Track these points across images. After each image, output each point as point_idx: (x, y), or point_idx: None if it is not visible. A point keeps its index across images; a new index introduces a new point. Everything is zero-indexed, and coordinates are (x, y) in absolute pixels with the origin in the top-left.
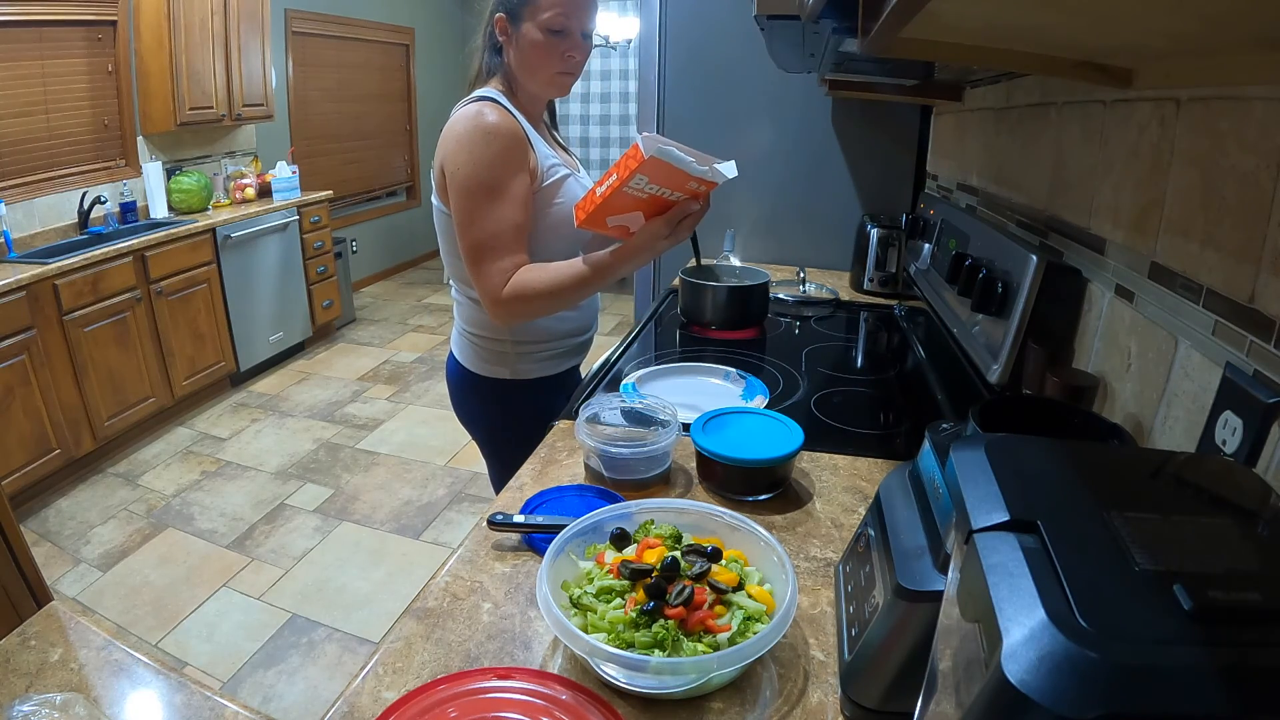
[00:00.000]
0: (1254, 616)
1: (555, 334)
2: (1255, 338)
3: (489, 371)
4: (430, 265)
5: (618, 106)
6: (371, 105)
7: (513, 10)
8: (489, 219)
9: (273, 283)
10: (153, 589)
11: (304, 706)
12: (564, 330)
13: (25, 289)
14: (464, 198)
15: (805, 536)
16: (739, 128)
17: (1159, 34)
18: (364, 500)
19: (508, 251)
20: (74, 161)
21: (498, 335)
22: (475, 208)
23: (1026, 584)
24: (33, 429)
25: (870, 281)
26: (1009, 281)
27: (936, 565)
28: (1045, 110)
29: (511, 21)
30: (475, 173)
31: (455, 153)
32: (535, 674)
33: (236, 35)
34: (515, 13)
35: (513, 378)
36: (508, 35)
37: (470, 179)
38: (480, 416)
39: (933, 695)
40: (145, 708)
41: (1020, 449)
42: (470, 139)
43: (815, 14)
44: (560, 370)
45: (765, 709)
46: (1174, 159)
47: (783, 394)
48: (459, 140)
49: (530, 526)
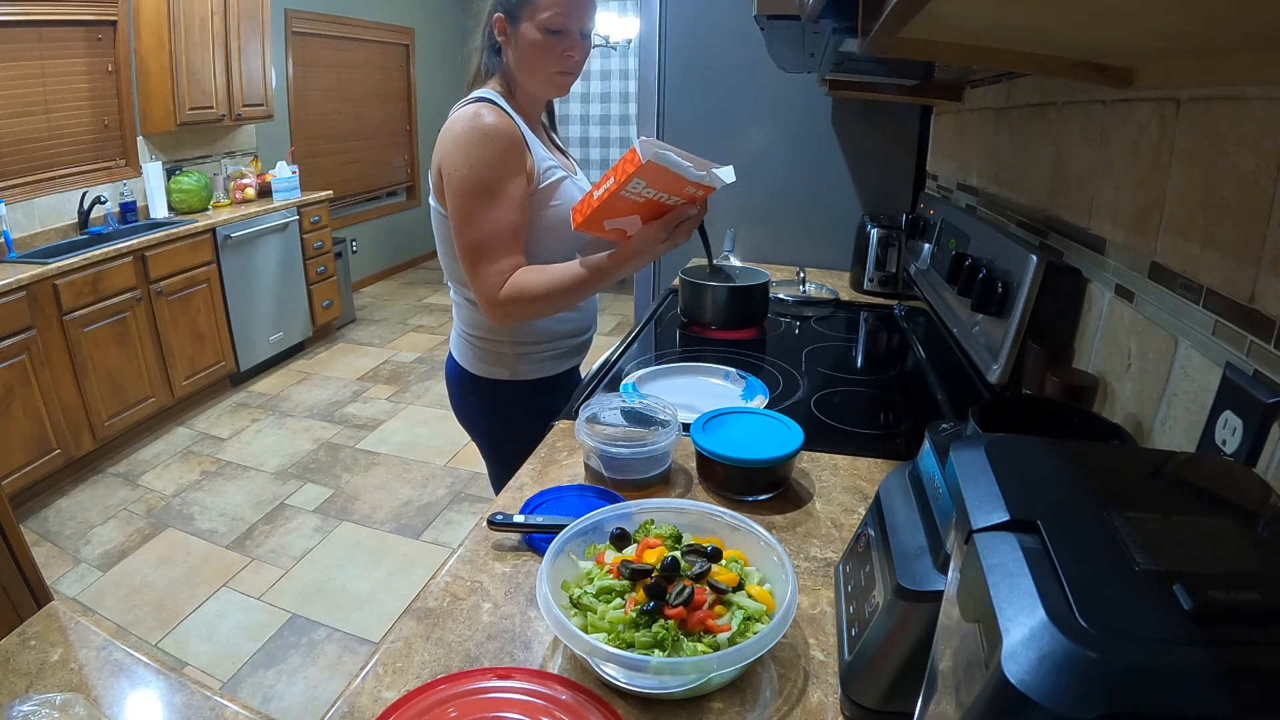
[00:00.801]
0: (1254, 616)
1: (555, 335)
2: (1255, 338)
3: (488, 373)
4: (430, 265)
5: (618, 106)
6: (371, 105)
7: (511, 10)
8: (486, 220)
9: (273, 283)
10: (153, 589)
11: (304, 706)
12: (563, 331)
13: (25, 289)
14: (461, 199)
15: (805, 536)
16: (739, 128)
17: (1159, 34)
18: (364, 500)
19: (505, 253)
20: (74, 161)
21: (496, 336)
22: (472, 209)
23: (1026, 584)
24: (33, 429)
25: (870, 281)
26: (1009, 281)
27: (936, 565)
28: (1045, 110)
29: (510, 22)
30: (472, 174)
31: (452, 154)
32: (535, 674)
33: (236, 35)
34: (514, 13)
35: (512, 379)
36: (506, 35)
37: (467, 180)
38: (480, 418)
39: (933, 695)
40: (145, 708)
41: (1020, 449)
42: (468, 140)
43: (815, 14)
44: (560, 371)
45: (765, 709)
46: (1174, 159)
47: (783, 394)
48: (456, 141)
49: (530, 526)
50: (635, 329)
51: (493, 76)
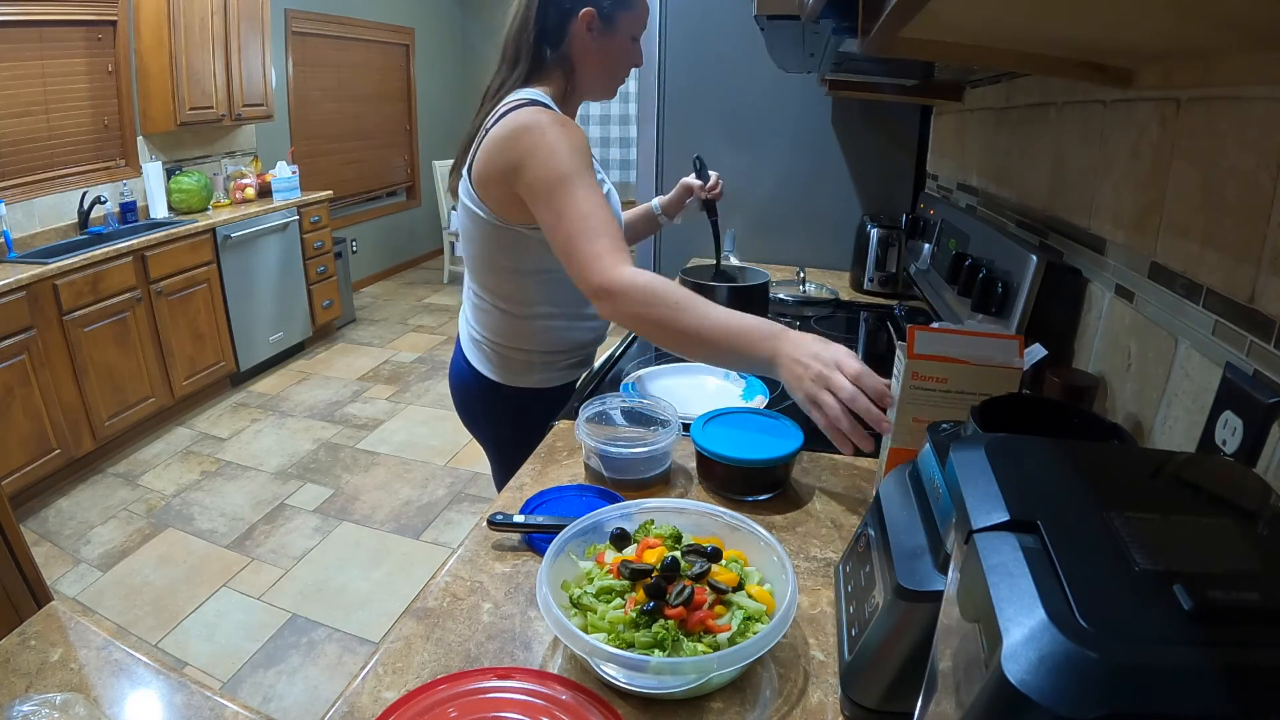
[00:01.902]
0: (1254, 616)
1: (578, 344)
2: (1255, 338)
3: (511, 380)
4: (430, 265)
5: (618, 106)
6: (371, 105)
7: (607, 13)
8: (586, 203)
9: (273, 283)
10: (153, 589)
11: (304, 706)
12: (587, 340)
13: (25, 289)
14: (554, 189)
15: (805, 536)
16: (739, 128)
17: (1159, 34)
18: (364, 500)
19: (608, 234)
20: (74, 161)
21: (524, 345)
22: (568, 195)
23: (1026, 584)
24: (33, 429)
25: (870, 281)
26: (1009, 281)
27: (936, 565)
28: (1045, 110)
29: (604, 22)
30: (564, 163)
31: (531, 149)
32: (535, 674)
33: (236, 35)
34: (611, 15)
35: (534, 387)
36: (592, 33)
37: (559, 169)
38: (489, 422)
39: (933, 695)
40: (145, 708)
41: (1020, 449)
42: (546, 132)
43: (815, 14)
44: (575, 378)
45: (765, 709)
46: (1174, 159)
47: (783, 394)
48: (532, 135)
49: (530, 526)
50: None
51: (542, 71)
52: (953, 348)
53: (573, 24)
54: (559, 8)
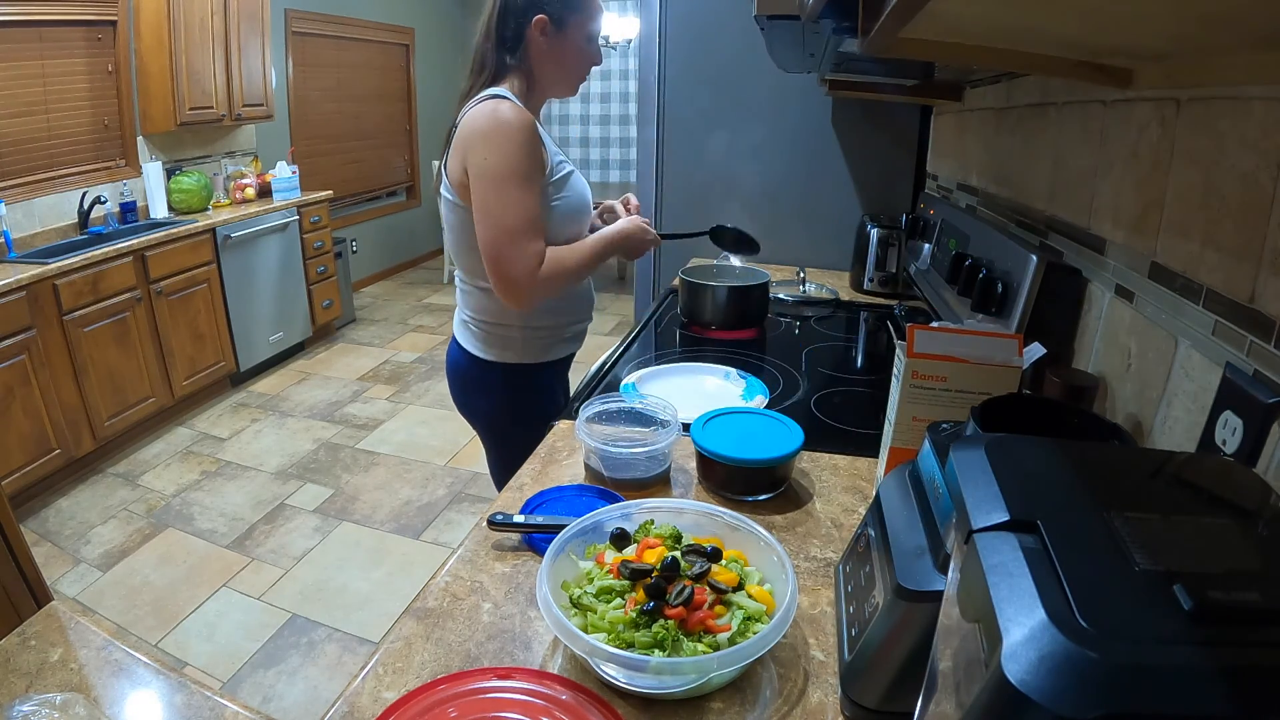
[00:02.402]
0: (1254, 616)
1: (561, 319)
2: (1255, 338)
3: (497, 356)
4: (430, 265)
5: (618, 106)
6: (371, 105)
7: (558, 15)
8: (517, 206)
9: (273, 283)
10: (153, 589)
11: (304, 706)
12: (569, 316)
13: (25, 289)
14: (490, 187)
15: (805, 536)
16: (739, 128)
17: (1159, 34)
18: (364, 500)
19: (535, 236)
20: (74, 161)
21: (507, 320)
22: (505, 194)
23: (1026, 584)
24: (33, 429)
25: (870, 281)
26: (1009, 281)
27: (936, 565)
28: (1045, 110)
29: (556, 25)
30: (504, 161)
31: (483, 144)
32: (535, 674)
33: (236, 35)
34: (561, 18)
35: (519, 361)
36: (545, 36)
37: (497, 169)
38: (484, 402)
39: (933, 695)
40: (145, 708)
41: (1020, 449)
42: (496, 131)
43: (815, 14)
44: (561, 355)
45: (765, 709)
46: (1174, 159)
47: (783, 394)
48: (484, 133)
49: (530, 526)
50: (635, 329)
51: (505, 75)
52: (952, 347)
53: (528, 30)
54: (516, 18)
